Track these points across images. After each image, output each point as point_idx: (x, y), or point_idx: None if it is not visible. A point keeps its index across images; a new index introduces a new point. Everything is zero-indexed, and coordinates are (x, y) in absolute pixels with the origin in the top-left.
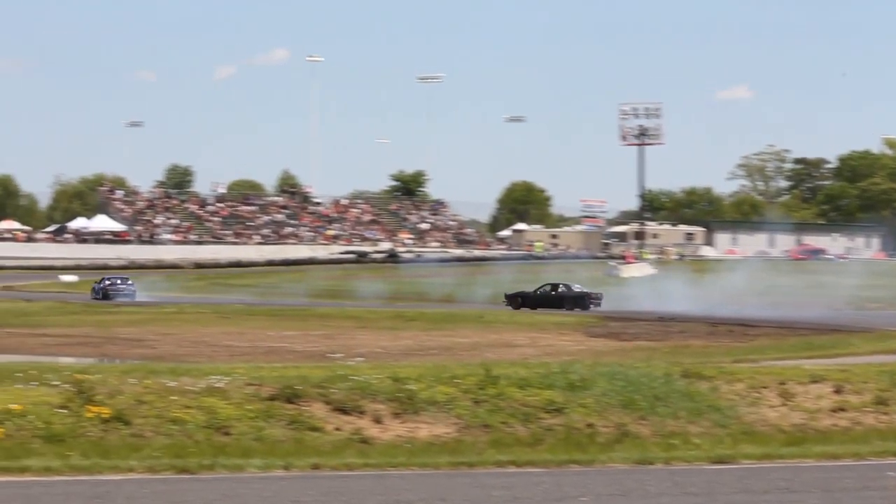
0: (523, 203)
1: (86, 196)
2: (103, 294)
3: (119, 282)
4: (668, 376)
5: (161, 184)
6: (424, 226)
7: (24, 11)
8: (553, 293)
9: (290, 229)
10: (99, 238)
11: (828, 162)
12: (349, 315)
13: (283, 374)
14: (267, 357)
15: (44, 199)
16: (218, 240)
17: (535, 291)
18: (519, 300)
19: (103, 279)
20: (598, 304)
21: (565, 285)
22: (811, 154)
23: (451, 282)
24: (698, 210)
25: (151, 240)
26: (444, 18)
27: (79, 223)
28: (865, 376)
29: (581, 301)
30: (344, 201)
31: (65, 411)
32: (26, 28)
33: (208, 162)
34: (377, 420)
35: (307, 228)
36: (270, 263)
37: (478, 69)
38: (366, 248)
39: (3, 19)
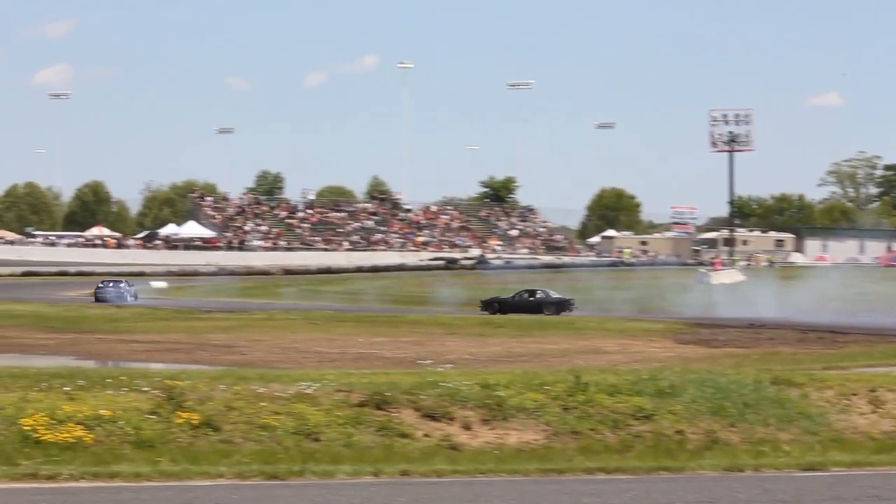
0: (613, 209)
1: (176, 202)
2: (95, 297)
3: (111, 285)
4: (758, 383)
5: (251, 190)
6: (514, 232)
7: (115, 19)
8: (531, 299)
9: (379, 236)
10: (189, 244)
11: None
12: (438, 321)
13: (372, 380)
14: (356, 363)
15: (134, 206)
16: (307, 246)
17: (512, 297)
18: (496, 306)
19: (100, 282)
20: (571, 311)
21: (543, 291)
22: None
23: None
24: (788, 217)
25: (241, 246)
26: (534, 25)
27: (169, 229)
28: None
29: (558, 307)
30: (433, 208)
31: (154, 417)
32: (118, 36)
33: (298, 168)
34: (466, 426)
35: (397, 235)
36: (360, 270)
37: (568, 76)
38: (455, 254)
39: (94, 27)
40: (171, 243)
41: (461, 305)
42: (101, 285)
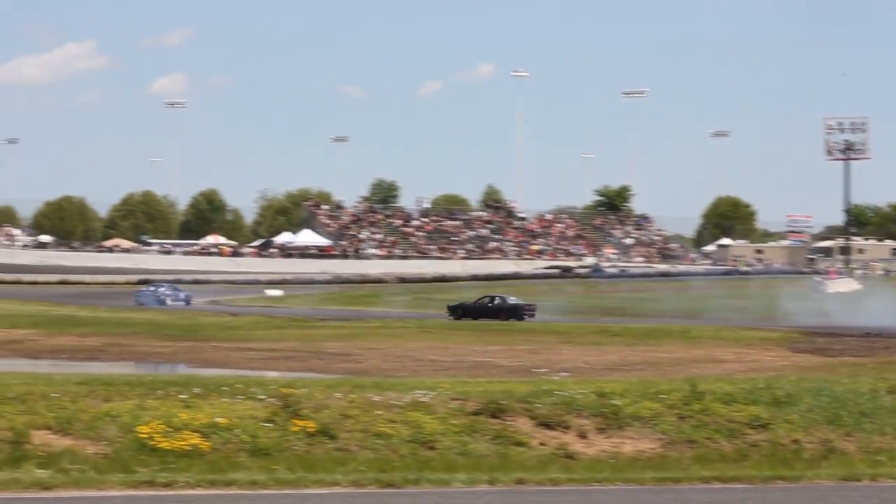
0: (728, 218)
1: (291, 211)
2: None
3: (152, 288)
4: (875, 392)
5: (366, 199)
6: (629, 241)
7: (231, 28)
8: (490, 305)
9: (494, 244)
10: (304, 253)
11: None
12: (553, 330)
13: (487, 388)
14: (471, 372)
15: (249, 214)
16: (422, 254)
17: (474, 303)
18: (459, 311)
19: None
20: (532, 316)
21: (500, 297)
22: None
23: (655, 297)
24: None
25: (356, 254)
26: (648, 33)
27: (284, 238)
28: None
29: (514, 312)
30: (548, 216)
31: (270, 425)
32: (234, 45)
33: (413, 177)
34: (582, 435)
35: (512, 243)
36: (475, 278)
37: (682, 84)
38: (570, 262)
39: (211, 36)
40: (287, 252)
41: (574, 314)
42: (143, 290)
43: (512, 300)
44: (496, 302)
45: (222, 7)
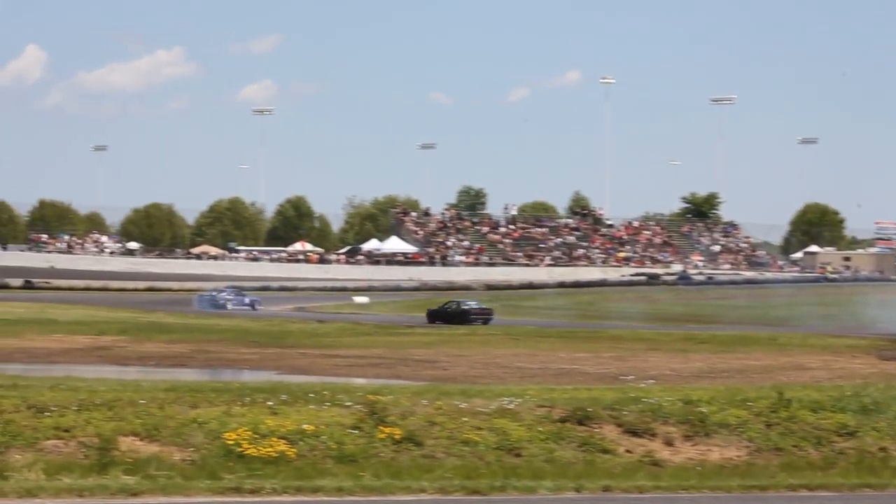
0: (816, 225)
1: (378, 218)
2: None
3: (216, 293)
4: None
5: (453, 206)
6: (716, 248)
7: (319, 35)
8: (450, 309)
9: (581, 251)
10: (391, 259)
11: None
12: (640, 337)
13: (574, 395)
14: (558, 379)
15: (336, 221)
16: (509, 262)
17: (442, 307)
18: (434, 316)
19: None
20: (485, 321)
21: (456, 302)
22: None
23: (742, 304)
24: None
25: (443, 261)
26: (736, 41)
27: (371, 245)
28: None
29: (464, 317)
30: (635, 223)
31: (357, 432)
32: (322, 52)
33: (500, 184)
34: (668, 442)
35: (598, 250)
36: (561, 285)
37: (770, 91)
38: (657, 270)
39: (299, 43)
40: (374, 258)
41: (661, 321)
42: (205, 294)
43: (466, 305)
44: (453, 307)
45: (310, 14)
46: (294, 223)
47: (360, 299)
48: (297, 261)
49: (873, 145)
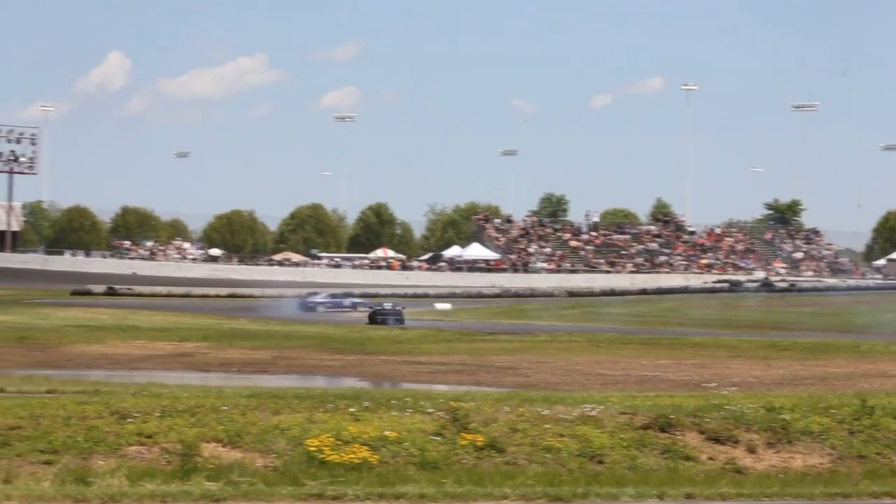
0: None
1: (460, 224)
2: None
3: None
4: None
5: (535, 212)
6: (798, 255)
7: (402, 41)
8: (373, 311)
9: (663, 258)
10: (472, 266)
11: None
12: (722, 344)
13: (656, 402)
14: (639, 386)
15: (418, 228)
16: (591, 268)
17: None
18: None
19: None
20: (396, 323)
21: (372, 305)
22: None
23: (825, 311)
24: None
25: (525, 268)
26: (818, 47)
27: (453, 251)
28: None
29: (373, 318)
30: (717, 230)
31: (439, 438)
32: (405, 58)
33: (582, 190)
34: (751, 450)
35: (680, 257)
36: (643, 292)
37: (853, 97)
38: (739, 277)
39: (381, 50)
40: (455, 265)
41: (743, 328)
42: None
43: (379, 306)
44: (374, 308)
45: (392, 21)
46: (376, 230)
47: (442, 306)
48: (379, 267)
49: None
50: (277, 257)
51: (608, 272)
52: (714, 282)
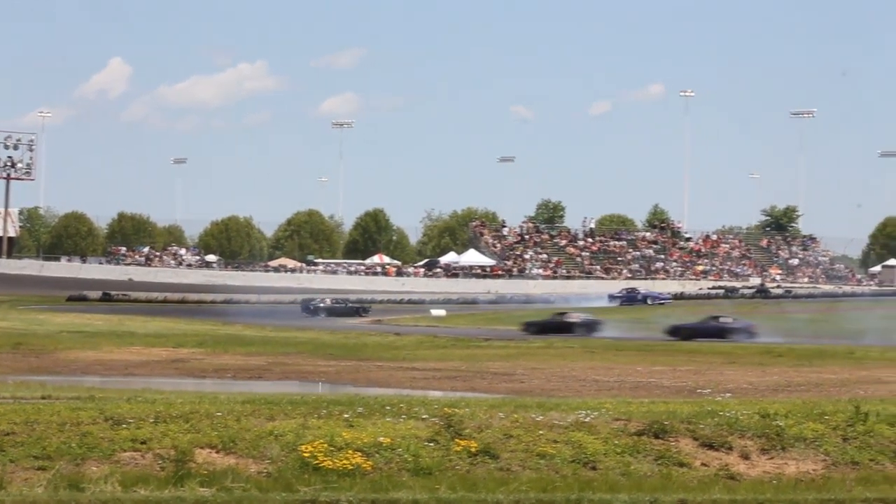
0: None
1: (456, 231)
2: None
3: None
4: None
5: (531, 219)
6: (794, 261)
7: (402, 49)
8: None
9: (659, 264)
10: (469, 272)
11: None
12: (717, 350)
13: (650, 409)
14: (634, 392)
15: (414, 234)
16: (587, 275)
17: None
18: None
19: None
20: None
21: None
22: None
23: (821, 318)
24: None
25: (521, 274)
26: (816, 55)
27: (449, 257)
28: None
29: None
30: (714, 236)
31: (433, 445)
32: (404, 65)
33: (579, 197)
34: (745, 456)
35: (676, 263)
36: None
37: (850, 104)
38: (735, 283)
39: (381, 57)
40: (452, 271)
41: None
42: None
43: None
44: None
45: (392, 28)
46: (372, 236)
47: (438, 312)
48: (375, 273)
49: None
50: (273, 263)
51: (603, 279)
52: (710, 288)
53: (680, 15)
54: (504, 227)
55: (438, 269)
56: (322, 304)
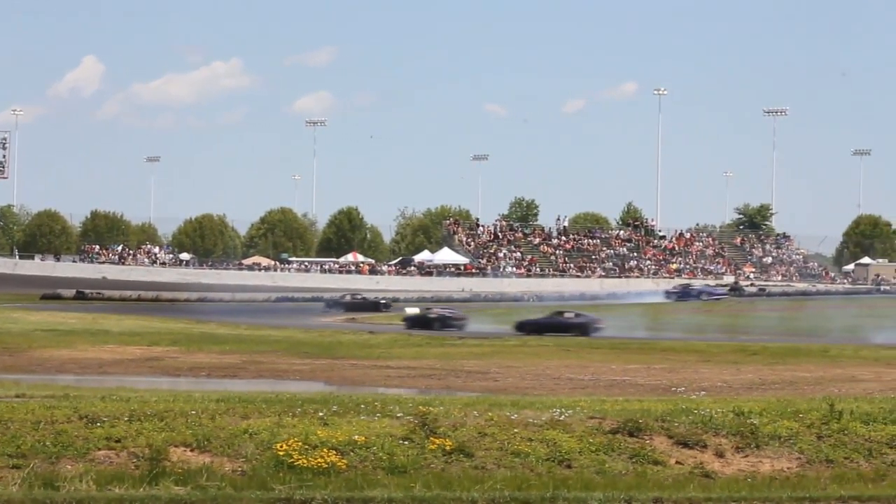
0: (868, 237)
1: (430, 229)
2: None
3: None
4: None
5: (505, 217)
6: (768, 259)
7: (375, 47)
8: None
9: (633, 263)
10: (442, 271)
11: None
12: (692, 348)
13: (625, 407)
14: (609, 390)
15: (388, 232)
16: (561, 273)
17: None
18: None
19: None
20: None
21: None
22: None
23: (794, 316)
24: None
25: (495, 273)
26: (789, 53)
27: (423, 256)
28: None
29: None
30: (687, 234)
31: (408, 443)
32: (378, 64)
33: (552, 195)
34: (719, 454)
35: (650, 262)
36: (613, 296)
37: (824, 102)
38: (708, 281)
39: (355, 55)
40: (425, 270)
41: (712, 333)
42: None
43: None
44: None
45: (365, 26)
46: (346, 234)
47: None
48: (349, 272)
49: None
50: (247, 262)
51: (578, 277)
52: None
53: (653, 13)
54: (478, 225)
55: (412, 268)
56: (343, 300)
